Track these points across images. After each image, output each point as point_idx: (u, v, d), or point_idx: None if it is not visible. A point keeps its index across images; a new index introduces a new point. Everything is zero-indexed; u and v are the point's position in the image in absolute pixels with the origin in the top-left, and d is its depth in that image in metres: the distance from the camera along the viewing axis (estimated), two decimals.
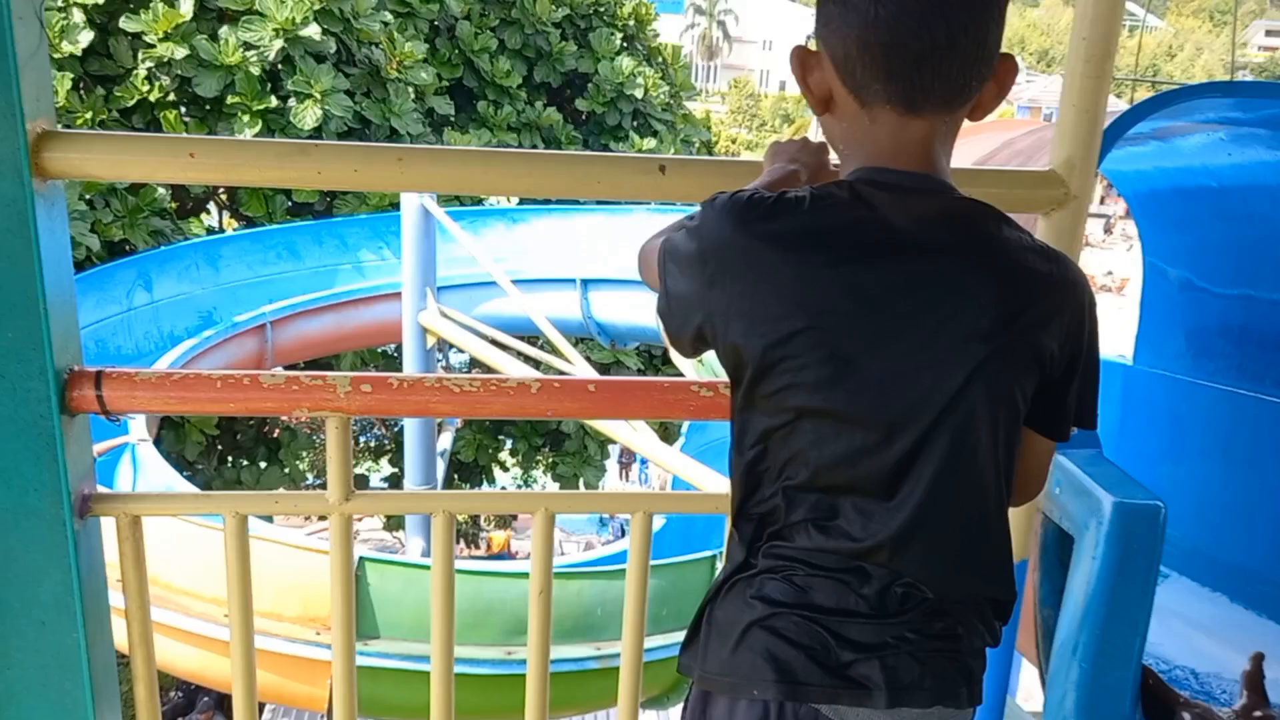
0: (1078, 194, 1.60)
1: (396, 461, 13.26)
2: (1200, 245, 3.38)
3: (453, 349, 9.24)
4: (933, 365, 1.12)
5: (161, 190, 9.95)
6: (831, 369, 1.11)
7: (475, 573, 5.50)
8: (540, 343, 9.42)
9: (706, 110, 21.94)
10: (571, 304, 9.43)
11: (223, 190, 11.14)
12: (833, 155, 1.30)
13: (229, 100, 10.01)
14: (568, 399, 1.63)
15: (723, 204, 1.16)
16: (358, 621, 4.98)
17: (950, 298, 1.12)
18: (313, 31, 10.10)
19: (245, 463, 11.01)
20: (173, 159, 1.51)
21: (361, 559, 4.91)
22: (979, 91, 1.13)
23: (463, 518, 14.15)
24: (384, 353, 12.16)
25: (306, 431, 12.02)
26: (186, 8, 9.80)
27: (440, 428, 9.69)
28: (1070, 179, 1.60)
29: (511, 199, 10.29)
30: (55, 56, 9.14)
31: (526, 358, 8.02)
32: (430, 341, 8.02)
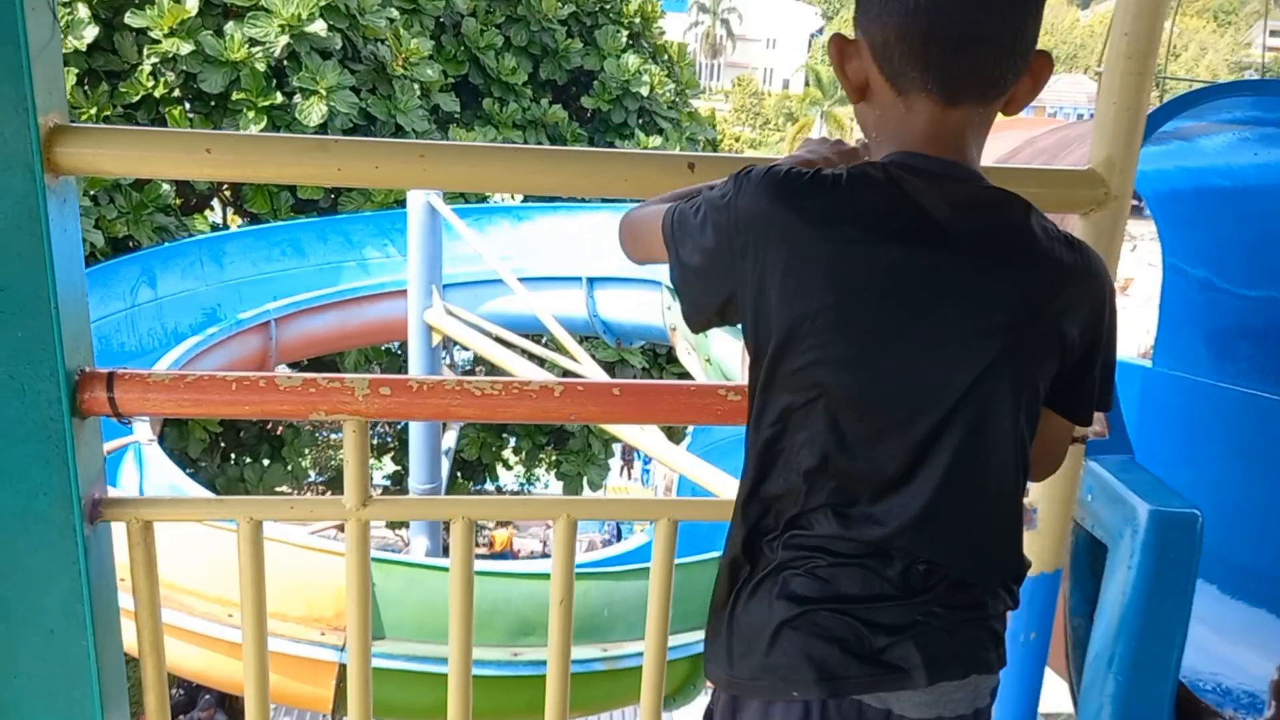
0: (1118, 194, 1.56)
1: (400, 459, 13.23)
2: (1222, 246, 3.33)
3: (457, 347, 9.20)
4: (956, 349, 1.13)
5: (166, 186, 9.92)
6: (858, 347, 1.12)
7: (480, 573, 5.44)
8: (544, 340, 9.38)
9: (712, 109, 21.89)
10: (577, 302, 9.39)
11: (227, 186, 11.10)
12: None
13: (234, 96, 9.98)
14: (591, 403, 1.59)
15: (759, 177, 1.15)
16: None
17: (976, 283, 1.13)
18: (318, 28, 10.07)
19: (249, 460, 10.98)
20: (188, 155, 1.47)
21: None
22: (1014, 85, 1.14)
23: None
24: (388, 350, 12.12)
25: (309, 429, 11.99)
26: (192, 3, 9.77)
27: (445, 426, 9.65)
28: (1110, 178, 1.56)
29: (516, 195, 10.25)
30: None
31: (532, 356, 7.97)
32: (435, 339, 7.98)
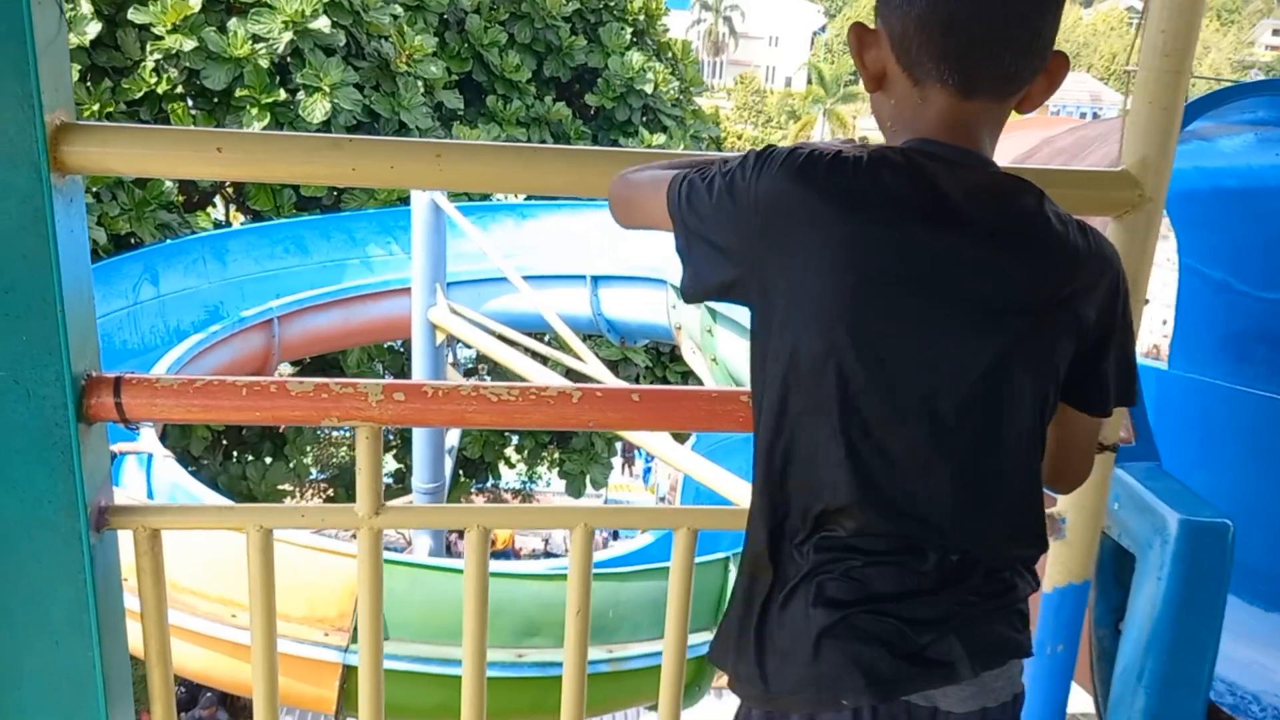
0: (1153, 196, 1.52)
1: (402, 457, 13.18)
2: (1240, 247, 3.29)
3: (459, 345, 9.17)
4: (975, 330, 1.13)
5: (169, 183, 9.88)
6: (878, 329, 1.11)
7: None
8: (547, 339, 9.34)
9: (715, 107, 21.85)
10: (581, 300, 9.35)
11: (230, 183, 11.06)
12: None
13: (237, 93, 9.94)
14: (611, 409, 1.54)
15: (781, 158, 1.15)
16: None
17: (995, 266, 1.13)
18: (322, 24, 10.03)
19: (251, 458, 10.95)
20: (199, 153, 1.43)
21: None
22: (1030, 83, 1.15)
23: None
24: (391, 348, 12.08)
25: (311, 426, 11.96)
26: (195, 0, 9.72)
27: None
28: (1145, 179, 1.52)
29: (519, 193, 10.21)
30: None
31: (535, 354, 7.93)
32: (439, 338, 7.94)
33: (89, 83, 9.68)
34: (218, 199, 11.63)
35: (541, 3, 12.67)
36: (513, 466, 15.36)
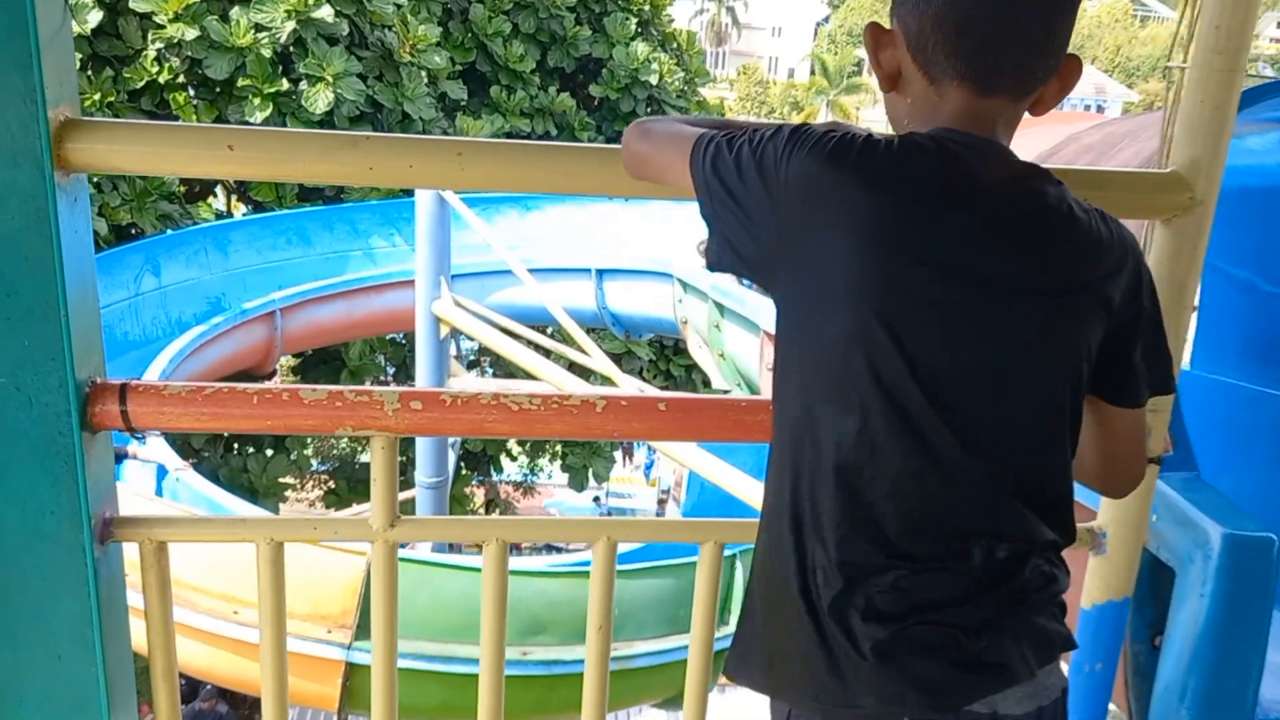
0: (1204, 199, 1.46)
1: (404, 451, 13.13)
2: (1265, 246, 3.22)
3: (461, 337, 9.11)
4: (1005, 318, 1.12)
5: None
6: (910, 311, 1.10)
7: None
8: (550, 332, 9.28)
9: (720, 98, 21.75)
10: (586, 294, 9.30)
11: None
12: None
13: (240, 83, 9.86)
14: (636, 419, 1.48)
15: (813, 141, 1.13)
16: (366, 620, 4.86)
17: (1023, 252, 1.12)
18: (325, 14, 9.95)
19: (251, 450, 10.89)
20: (209, 151, 1.36)
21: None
22: (1043, 84, 1.15)
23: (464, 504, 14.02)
24: (394, 340, 12.02)
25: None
26: None
27: None
28: (1196, 182, 1.45)
29: None
30: None
31: (539, 348, 7.88)
32: (443, 331, 7.88)
33: (90, 72, 9.60)
34: (219, 189, 11.56)
35: None
36: (514, 459, 15.31)
